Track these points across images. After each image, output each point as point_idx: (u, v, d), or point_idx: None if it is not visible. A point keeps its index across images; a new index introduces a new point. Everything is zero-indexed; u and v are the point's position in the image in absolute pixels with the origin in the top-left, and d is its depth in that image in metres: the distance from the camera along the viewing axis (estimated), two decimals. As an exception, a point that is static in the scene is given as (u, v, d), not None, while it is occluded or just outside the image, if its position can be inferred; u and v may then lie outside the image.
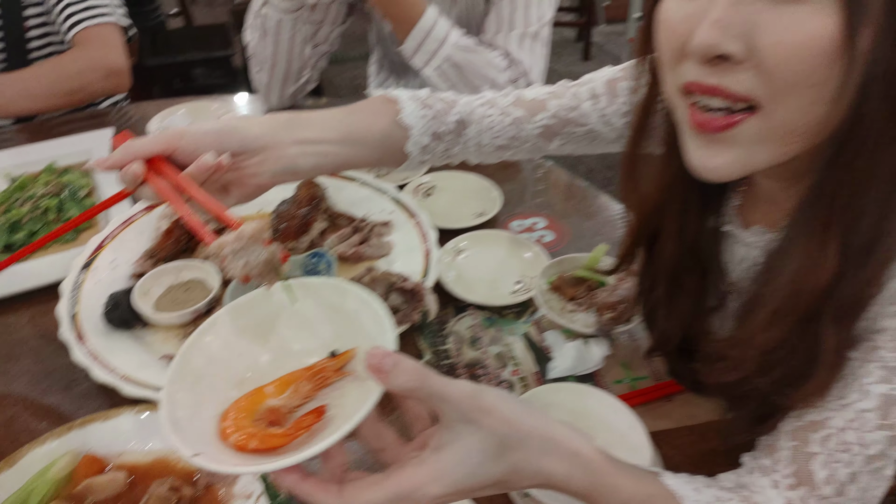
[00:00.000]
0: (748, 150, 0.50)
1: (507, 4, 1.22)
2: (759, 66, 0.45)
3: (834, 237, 0.50)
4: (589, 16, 3.85)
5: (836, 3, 0.42)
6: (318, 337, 0.51)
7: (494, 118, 0.81)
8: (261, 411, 0.46)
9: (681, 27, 0.49)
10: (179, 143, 0.63)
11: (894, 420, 0.52)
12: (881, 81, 0.44)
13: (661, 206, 0.67)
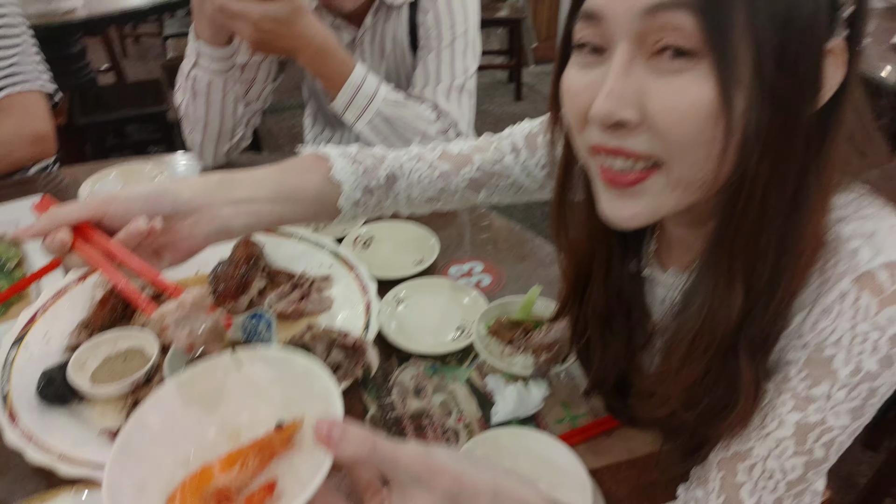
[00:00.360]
0: (654, 200, 0.55)
1: (433, 59, 1.27)
2: (653, 129, 0.50)
3: (738, 277, 0.55)
4: (518, 58, 3.99)
5: (712, 73, 0.47)
6: (264, 407, 0.51)
7: (423, 172, 0.85)
8: (209, 492, 0.46)
9: (581, 96, 0.53)
10: (108, 209, 0.62)
11: (809, 446, 0.56)
12: (758, 139, 0.49)
13: (590, 251, 0.71)
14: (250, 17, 1.04)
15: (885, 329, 0.52)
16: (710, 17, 0.46)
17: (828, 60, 0.50)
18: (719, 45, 0.47)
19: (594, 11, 0.52)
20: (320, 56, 1.13)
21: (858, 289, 0.52)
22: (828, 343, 0.54)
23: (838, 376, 0.54)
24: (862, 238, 0.54)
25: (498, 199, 0.90)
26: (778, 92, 0.48)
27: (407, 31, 1.31)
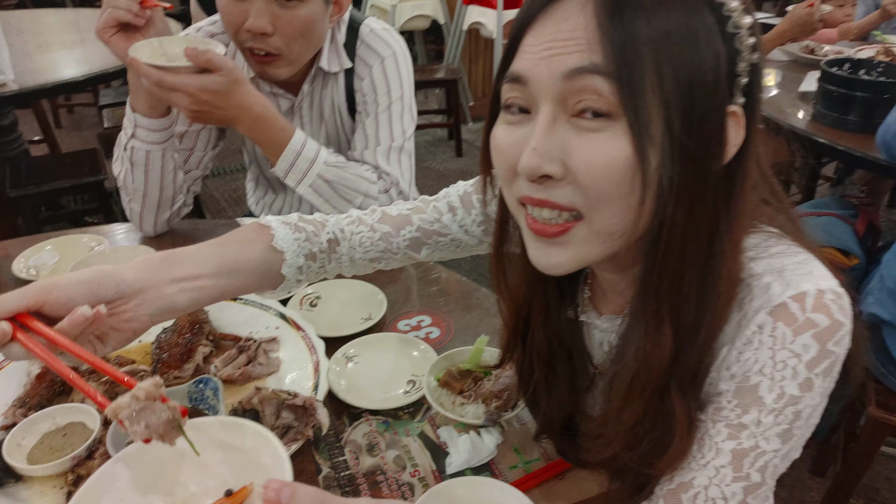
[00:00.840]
0: (578, 250, 0.59)
1: (372, 123, 1.31)
2: (575, 182, 0.54)
3: (666, 320, 0.59)
4: (456, 116, 4.11)
5: (627, 132, 0.52)
6: (214, 476, 0.51)
7: (364, 234, 0.87)
8: None
9: (510, 152, 0.57)
10: (48, 297, 0.61)
11: (746, 471, 0.59)
12: (672, 191, 0.53)
13: (529, 299, 0.74)
14: (187, 90, 1.05)
15: (801, 356, 0.56)
16: (622, 83, 0.51)
17: (730, 121, 0.56)
18: (632, 107, 0.52)
19: (520, 75, 0.56)
20: (258, 125, 1.14)
21: (774, 320, 0.57)
22: (752, 372, 0.58)
23: (765, 402, 0.58)
24: (773, 274, 0.58)
25: (439, 256, 0.92)
26: (687, 148, 0.53)
27: (344, 97, 1.36)
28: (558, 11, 0.55)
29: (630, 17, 0.51)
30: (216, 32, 1.34)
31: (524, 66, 0.56)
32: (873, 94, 1.82)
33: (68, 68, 2.38)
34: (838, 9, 2.75)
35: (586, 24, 0.53)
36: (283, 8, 1.14)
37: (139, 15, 1.11)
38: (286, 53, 1.19)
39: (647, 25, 0.51)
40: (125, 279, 0.66)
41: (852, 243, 1.63)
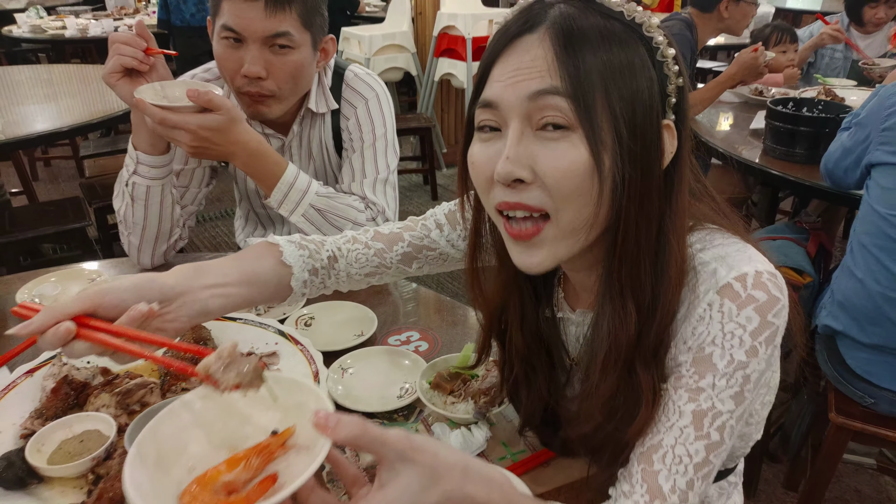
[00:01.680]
0: (551, 247, 0.69)
1: (358, 158, 1.42)
2: (543, 185, 0.65)
3: (629, 299, 0.69)
4: (431, 162, 4.25)
5: (583, 140, 0.63)
6: (262, 422, 0.58)
7: (360, 251, 0.96)
8: (217, 486, 0.52)
9: (485, 165, 0.69)
10: (103, 301, 0.67)
11: (706, 430, 0.67)
12: (624, 187, 0.64)
13: (504, 304, 0.83)
14: (188, 127, 1.13)
15: (745, 326, 0.66)
16: (577, 101, 0.63)
17: (665, 133, 0.68)
18: (587, 119, 0.63)
19: (491, 100, 0.68)
20: (253, 159, 1.22)
21: (721, 298, 0.67)
22: (706, 343, 0.67)
23: (718, 368, 0.67)
24: (718, 261, 0.69)
25: (428, 270, 1.01)
26: (634, 152, 0.64)
27: (331, 135, 1.46)
28: (521, 45, 0.66)
29: (580, 48, 0.63)
30: (209, 79, 1.44)
31: (494, 92, 0.67)
32: (816, 128, 1.99)
33: (45, 121, 2.44)
34: (781, 54, 2.97)
35: (545, 55, 0.64)
36: (275, 55, 1.25)
37: (144, 61, 1.20)
38: (278, 94, 1.29)
39: (593, 56, 0.63)
40: (167, 283, 0.73)
41: (805, 263, 1.76)
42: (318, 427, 0.50)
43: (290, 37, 1.24)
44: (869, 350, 1.46)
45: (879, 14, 3.07)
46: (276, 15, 1.21)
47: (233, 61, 1.25)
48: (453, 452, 0.55)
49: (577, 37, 0.63)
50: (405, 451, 0.52)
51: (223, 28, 1.23)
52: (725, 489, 0.96)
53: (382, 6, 6.25)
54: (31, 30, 4.67)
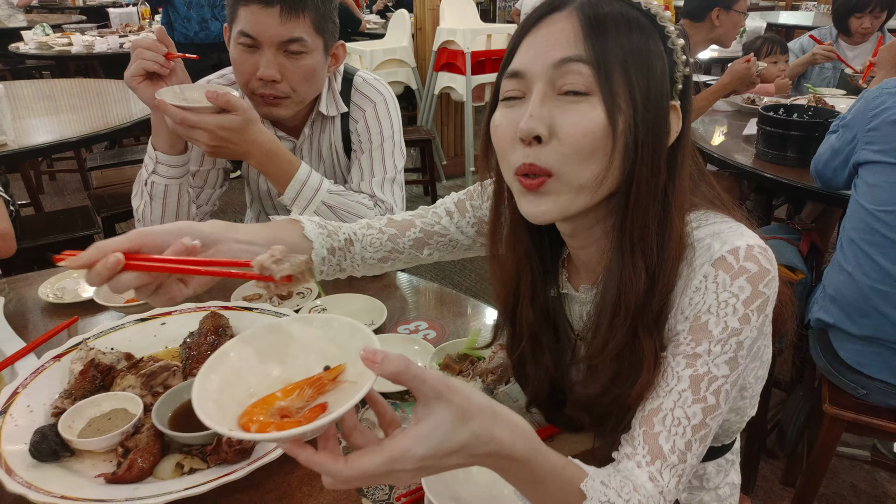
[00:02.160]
0: (556, 199, 0.74)
1: (366, 159, 1.48)
2: (558, 142, 0.71)
3: (638, 254, 0.74)
4: (431, 174, 4.32)
5: (601, 104, 0.69)
6: (313, 357, 0.63)
7: (374, 236, 1.01)
8: (273, 410, 0.57)
9: (508, 127, 0.74)
10: (146, 240, 0.71)
11: (703, 394, 0.72)
12: (636, 149, 0.70)
13: (517, 282, 0.88)
14: (207, 127, 1.18)
15: (738, 295, 0.71)
16: (598, 67, 0.69)
17: (672, 112, 0.74)
18: (605, 84, 0.69)
19: (518, 70, 0.74)
20: (268, 157, 1.28)
21: (715, 270, 0.72)
22: (702, 312, 0.73)
23: (713, 335, 0.72)
24: (712, 237, 0.74)
25: (439, 256, 1.07)
26: (647, 119, 0.70)
27: (341, 137, 1.52)
28: (549, 21, 0.73)
29: (603, 26, 0.70)
30: (224, 84, 1.50)
31: (521, 62, 0.74)
32: (806, 132, 2.05)
33: (51, 133, 2.49)
34: (772, 65, 3.05)
35: (572, 28, 0.71)
36: (289, 59, 1.31)
37: (164, 65, 1.26)
38: (292, 96, 1.35)
39: (615, 33, 0.70)
40: (204, 230, 0.77)
41: (797, 261, 1.82)
42: (365, 361, 0.54)
43: (304, 42, 1.30)
44: (860, 342, 1.51)
45: (865, 24, 3.14)
46: (290, 21, 1.28)
47: (249, 65, 1.31)
48: (484, 397, 0.59)
49: (601, 17, 0.70)
50: (441, 390, 0.55)
51: (240, 34, 1.29)
52: (723, 467, 1.00)
53: (382, 23, 6.36)
54: (38, 47, 4.75)
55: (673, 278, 0.75)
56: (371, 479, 0.55)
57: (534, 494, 0.65)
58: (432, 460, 0.55)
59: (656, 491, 0.70)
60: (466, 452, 0.57)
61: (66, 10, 8.26)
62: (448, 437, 0.55)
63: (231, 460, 0.84)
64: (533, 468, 0.62)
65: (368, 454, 0.54)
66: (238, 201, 4.17)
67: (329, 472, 0.54)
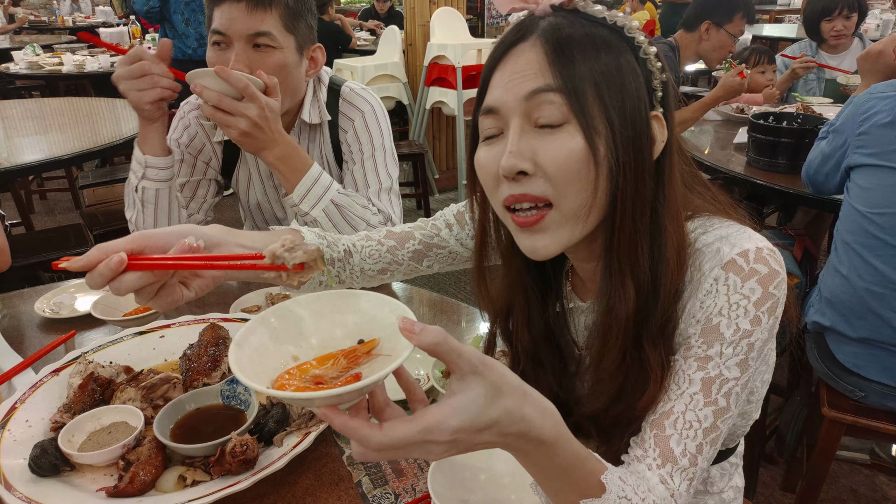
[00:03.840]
0: (556, 233, 0.74)
1: (359, 170, 1.47)
2: (545, 175, 0.71)
3: (627, 275, 0.74)
4: (424, 188, 4.33)
5: (578, 130, 0.69)
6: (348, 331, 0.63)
7: (373, 248, 1.01)
8: (307, 377, 0.57)
9: (491, 165, 0.74)
10: (148, 242, 0.70)
11: (714, 397, 0.72)
12: (619, 171, 0.70)
13: (510, 304, 0.89)
14: (261, 101, 1.17)
15: (749, 297, 0.71)
16: (569, 94, 0.69)
17: (654, 123, 0.73)
18: (580, 110, 0.69)
19: (492, 106, 0.74)
20: (290, 151, 1.26)
21: (726, 273, 0.72)
22: (713, 314, 0.72)
23: (725, 337, 0.72)
24: (720, 241, 0.74)
25: (438, 268, 1.06)
26: (626, 137, 0.70)
27: (331, 148, 1.52)
28: (515, 53, 0.73)
29: (569, 50, 0.69)
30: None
31: (494, 98, 0.74)
32: (796, 139, 2.08)
33: (41, 151, 2.48)
34: (760, 75, 3.09)
35: (537, 58, 0.71)
36: (258, 54, 1.30)
37: (175, 89, 1.26)
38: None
39: (582, 55, 0.69)
40: (206, 232, 0.77)
41: (792, 266, 1.83)
42: (403, 332, 0.53)
43: (272, 36, 1.30)
44: (856, 344, 1.52)
45: (837, 27, 3.13)
46: (257, 14, 1.28)
47: (222, 62, 1.29)
48: (515, 377, 0.58)
49: (565, 41, 0.70)
50: (477, 365, 0.54)
51: (212, 32, 1.30)
52: (727, 470, 1.00)
53: (373, 40, 6.40)
54: (28, 67, 4.75)
55: (675, 287, 0.74)
56: (404, 450, 0.54)
57: (555, 483, 0.64)
58: (465, 434, 0.54)
59: (667, 493, 0.70)
60: (497, 430, 0.56)
61: (56, 30, 8.28)
62: (482, 411, 0.54)
63: (234, 471, 0.83)
64: (558, 453, 0.61)
65: (404, 422, 0.54)
66: (232, 218, 4.17)
67: (363, 438, 0.53)
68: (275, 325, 0.63)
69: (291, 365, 0.61)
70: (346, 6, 10.35)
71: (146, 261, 0.67)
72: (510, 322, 0.91)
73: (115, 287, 0.67)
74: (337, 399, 0.52)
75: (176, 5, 3.92)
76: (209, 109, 1.19)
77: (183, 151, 1.50)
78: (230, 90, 1.17)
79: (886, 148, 1.46)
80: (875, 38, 4.01)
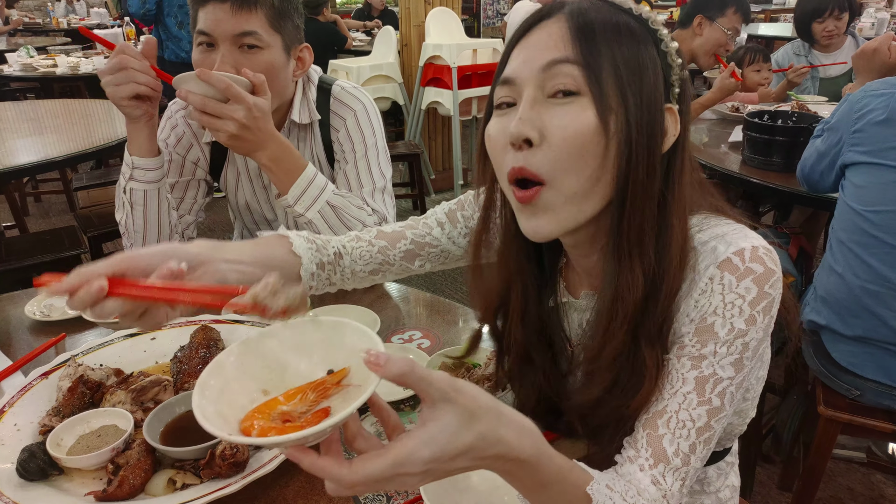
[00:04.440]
0: (554, 214, 0.73)
1: (352, 170, 1.46)
2: (549, 146, 0.70)
3: (636, 261, 0.72)
4: (420, 188, 4.32)
5: (591, 104, 0.68)
6: (317, 361, 0.61)
7: (364, 248, 1.00)
8: (275, 414, 0.55)
9: (500, 134, 0.74)
10: (131, 264, 0.69)
11: (708, 396, 0.71)
12: (630, 149, 0.69)
13: (503, 298, 0.88)
14: (247, 101, 1.14)
15: (745, 297, 0.71)
16: (587, 67, 0.68)
17: (668, 115, 0.73)
18: (595, 83, 0.68)
19: (509, 76, 0.74)
20: (283, 152, 1.23)
21: (721, 272, 0.71)
22: (708, 313, 0.72)
23: (719, 336, 0.71)
24: (716, 239, 0.73)
25: (430, 267, 1.06)
26: (640, 119, 0.69)
27: (322, 148, 1.51)
28: (539, 28, 0.73)
29: (591, 30, 0.70)
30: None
31: (512, 68, 0.74)
32: (791, 137, 2.07)
33: (36, 153, 2.45)
34: (756, 73, 3.08)
35: (561, 33, 0.71)
36: (244, 55, 1.29)
37: (155, 88, 1.24)
38: None
39: (604, 36, 0.69)
40: (191, 251, 0.76)
41: (788, 264, 1.83)
42: (369, 364, 0.52)
43: (258, 36, 1.28)
44: (852, 342, 1.52)
45: (829, 27, 3.12)
46: (242, 14, 1.26)
47: (207, 64, 1.28)
48: (489, 397, 0.57)
49: (590, 21, 0.70)
50: (447, 391, 0.54)
51: (198, 34, 1.29)
52: (723, 469, 0.99)
53: (368, 40, 6.39)
54: (23, 68, 4.74)
55: (676, 285, 0.73)
56: (376, 484, 0.53)
57: (541, 496, 0.64)
58: (439, 463, 0.54)
59: (660, 494, 0.69)
60: (473, 455, 0.56)
61: (51, 32, 8.26)
62: (454, 438, 0.54)
63: (225, 474, 0.82)
64: (539, 470, 0.61)
65: (373, 458, 0.53)
66: (225, 220, 4.15)
67: (333, 477, 0.53)
68: (237, 362, 0.61)
69: (261, 400, 0.59)
70: (342, 7, 10.34)
71: (127, 288, 0.66)
72: (502, 317, 0.90)
73: (96, 313, 0.66)
74: (303, 440, 0.51)
75: (170, 8, 3.91)
76: (196, 114, 1.17)
77: (171, 152, 1.48)
78: (215, 93, 1.16)
79: (881, 145, 1.46)
80: (869, 37, 4.01)
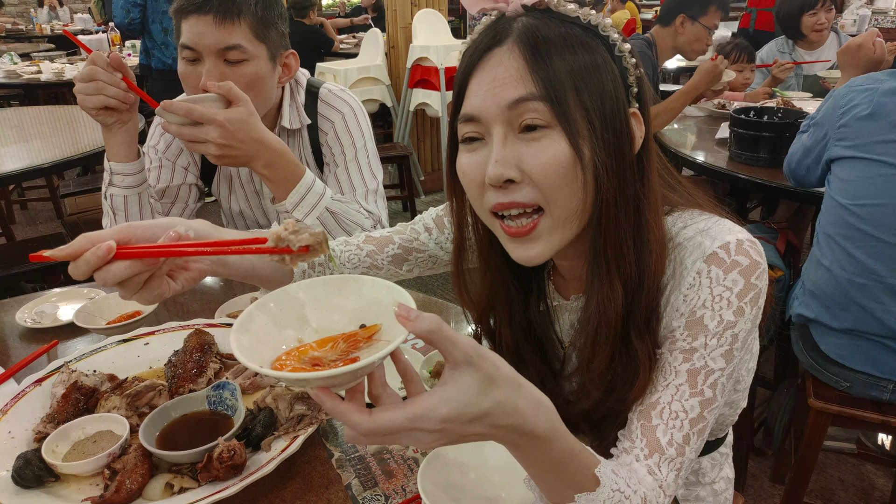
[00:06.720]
0: (547, 238, 0.74)
1: (343, 172, 1.47)
2: (532, 182, 0.71)
3: (615, 276, 0.74)
4: (409, 190, 4.32)
5: (562, 135, 0.69)
6: (350, 316, 0.63)
7: (352, 252, 1.00)
8: (306, 358, 0.57)
9: (475, 172, 0.74)
10: (135, 233, 0.69)
11: (700, 388, 0.73)
12: (605, 172, 0.70)
13: (491, 303, 0.89)
14: (217, 118, 1.09)
15: (732, 289, 0.72)
16: (551, 101, 0.68)
17: (633, 120, 0.74)
18: (563, 117, 0.69)
19: (473, 114, 0.73)
20: (277, 159, 1.18)
21: (708, 266, 0.73)
22: (697, 307, 0.73)
23: (709, 328, 0.72)
24: (701, 234, 0.75)
25: (418, 272, 1.06)
26: (608, 140, 0.70)
27: (311, 151, 1.51)
28: (492, 59, 0.72)
29: (547, 54, 0.69)
30: None
31: (474, 106, 0.73)
32: (777, 133, 2.09)
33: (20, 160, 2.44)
34: (739, 74, 3.11)
35: (516, 65, 0.70)
36: (230, 67, 1.28)
37: (125, 101, 1.22)
38: None
39: (560, 59, 0.69)
40: (192, 226, 0.76)
41: (775, 259, 1.85)
42: (399, 318, 0.53)
43: (243, 49, 1.27)
44: (840, 335, 1.54)
45: (821, 19, 3.12)
46: (225, 27, 1.25)
47: (194, 77, 1.28)
48: (511, 369, 0.58)
49: (542, 44, 0.69)
50: (471, 354, 0.54)
51: (182, 47, 1.28)
52: (718, 460, 1.01)
53: (355, 42, 6.39)
54: (6, 75, 4.69)
55: (658, 275, 0.75)
56: (392, 436, 0.54)
57: (549, 477, 0.64)
58: (454, 424, 0.54)
59: (656, 484, 0.70)
60: (489, 421, 0.56)
61: (34, 38, 8.19)
62: (473, 401, 0.54)
63: (222, 477, 0.82)
64: (552, 448, 0.61)
65: (392, 408, 0.53)
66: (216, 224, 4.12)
67: (351, 423, 0.53)
68: (275, 310, 0.62)
69: (294, 346, 0.60)
70: (328, 10, 10.32)
71: (136, 249, 0.65)
72: (494, 317, 0.91)
73: (102, 276, 0.65)
74: (330, 381, 0.52)
75: (154, 15, 3.88)
76: (177, 131, 1.12)
77: (161, 157, 1.48)
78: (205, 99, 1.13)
79: (866, 140, 1.48)
80: (852, 33, 4.06)
